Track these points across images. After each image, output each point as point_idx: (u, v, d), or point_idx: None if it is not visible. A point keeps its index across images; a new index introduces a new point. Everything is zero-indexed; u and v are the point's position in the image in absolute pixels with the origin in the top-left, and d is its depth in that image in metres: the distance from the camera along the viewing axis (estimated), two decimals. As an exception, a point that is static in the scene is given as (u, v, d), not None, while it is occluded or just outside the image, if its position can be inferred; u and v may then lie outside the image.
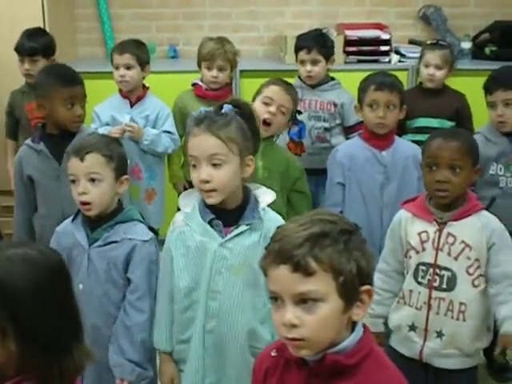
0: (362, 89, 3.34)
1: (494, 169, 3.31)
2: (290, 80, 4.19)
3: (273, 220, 2.26)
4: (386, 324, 2.76)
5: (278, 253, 1.51)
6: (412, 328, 2.63)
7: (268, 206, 2.30)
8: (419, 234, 2.58)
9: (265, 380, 1.68)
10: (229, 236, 2.23)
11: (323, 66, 4.10)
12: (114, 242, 2.50)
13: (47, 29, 4.64)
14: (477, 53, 5.25)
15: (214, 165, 2.19)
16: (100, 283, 2.51)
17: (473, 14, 5.42)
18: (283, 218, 2.32)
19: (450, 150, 2.51)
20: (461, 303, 2.54)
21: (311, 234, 1.52)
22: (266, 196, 2.30)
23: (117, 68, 3.97)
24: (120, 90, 4.02)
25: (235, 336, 2.24)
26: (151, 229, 2.61)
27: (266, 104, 3.20)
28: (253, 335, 2.26)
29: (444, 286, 2.54)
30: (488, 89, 3.32)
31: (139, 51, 4.00)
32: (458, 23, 5.39)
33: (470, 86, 4.74)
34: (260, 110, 3.05)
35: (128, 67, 3.94)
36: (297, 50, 4.16)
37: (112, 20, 5.40)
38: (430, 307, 2.57)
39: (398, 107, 3.25)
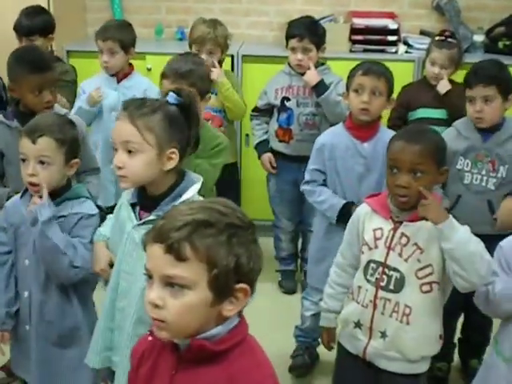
0: (350, 75, 3.27)
1: (461, 163, 3.20)
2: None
3: None
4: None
5: (158, 231, 1.50)
6: (357, 325, 2.57)
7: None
8: (374, 230, 2.50)
9: (140, 363, 1.66)
10: (141, 221, 2.22)
11: (314, 54, 4.05)
12: (62, 216, 2.55)
13: (51, 8, 4.65)
14: (490, 46, 5.11)
15: (130, 152, 2.18)
16: None
17: (489, 7, 5.26)
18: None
19: (412, 154, 2.39)
20: (406, 306, 2.45)
21: (194, 219, 1.49)
22: (191, 190, 2.24)
23: (101, 52, 4.00)
24: (107, 68, 4.06)
25: (141, 318, 2.20)
26: (99, 207, 2.67)
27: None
28: None
29: (391, 286, 2.46)
30: (468, 83, 3.20)
31: (122, 35, 4.00)
32: (473, 15, 5.25)
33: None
34: None
35: (111, 52, 3.96)
36: (288, 37, 4.10)
37: (123, 0, 5.39)
38: (375, 306, 2.50)
39: (385, 95, 3.15)
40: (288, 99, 4.08)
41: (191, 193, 2.21)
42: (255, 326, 3.98)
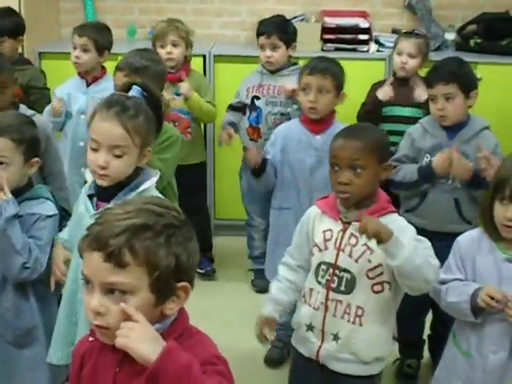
0: (300, 73, 3.32)
1: (427, 161, 3.21)
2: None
3: None
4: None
5: (95, 238, 1.48)
6: (310, 328, 2.53)
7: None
8: (324, 231, 2.48)
9: (82, 365, 1.65)
10: (99, 211, 2.20)
11: (283, 51, 4.08)
12: (20, 216, 2.53)
13: (23, 9, 4.63)
14: (461, 44, 5.13)
15: (114, 153, 2.18)
16: None
17: (460, 5, 5.28)
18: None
19: (350, 150, 2.39)
20: (358, 307, 2.43)
21: (132, 224, 1.48)
22: (148, 182, 2.26)
23: (74, 48, 3.98)
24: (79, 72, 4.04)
25: None
26: (64, 210, 2.66)
27: None
28: None
29: (342, 287, 2.44)
30: (429, 82, 3.22)
31: (99, 36, 4.00)
32: (445, 13, 5.27)
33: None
34: None
35: (85, 50, 3.94)
36: (257, 35, 4.16)
37: (95, 1, 5.38)
38: (326, 308, 2.47)
39: (333, 92, 3.19)
40: (258, 98, 4.10)
41: (148, 184, 2.23)
42: (229, 325, 3.99)
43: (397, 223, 2.39)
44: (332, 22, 4.94)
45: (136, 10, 5.39)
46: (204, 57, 4.82)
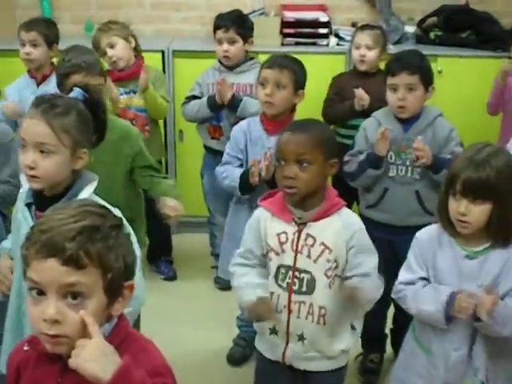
0: (259, 68, 3.29)
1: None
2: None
3: None
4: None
5: (46, 245, 1.44)
6: (273, 331, 2.52)
7: (103, 196, 2.21)
8: (278, 235, 2.45)
9: (17, 375, 1.61)
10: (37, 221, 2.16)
11: (240, 46, 4.04)
12: None
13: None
14: (422, 37, 5.13)
15: (42, 151, 2.11)
16: None
17: (420, -3, 5.28)
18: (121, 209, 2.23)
19: (296, 144, 2.37)
20: (321, 307, 2.43)
21: (84, 227, 1.45)
22: (86, 191, 2.19)
23: (23, 45, 3.91)
24: (28, 70, 3.97)
25: None
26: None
27: None
28: None
29: (304, 289, 2.43)
30: (391, 70, 3.18)
31: (48, 30, 3.95)
32: (405, 6, 5.25)
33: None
34: None
35: (34, 45, 3.88)
36: (215, 29, 4.11)
37: (52, -3, 5.29)
38: (290, 311, 2.45)
39: (290, 88, 3.15)
40: (217, 95, 4.04)
41: (86, 193, 2.17)
42: (190, 321, 3.96)
43: (355, 222, 2.46)
44: (291, 16, 4.91)
45: (93, 5, 5.31)
46: (163, 52, 4.76)
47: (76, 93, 2.20)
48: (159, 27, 5.31)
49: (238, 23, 4.07)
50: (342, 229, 2.40)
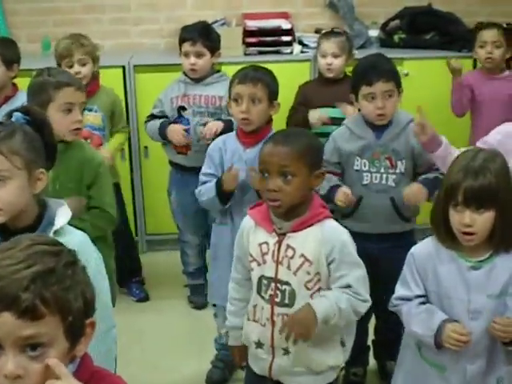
0: (230, 83, 3.17)
1: (358, 164, 3.10)
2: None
3: (74, 241, 2.04)
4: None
5: None
6: (259, 345, 2.45)
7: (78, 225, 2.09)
8: (260, 244, 2.39)
9: None
10: None
11: (208, 59, 3.93)
12: None
13: None
14: (386, 41, 5.10)
15: None
16: None
17: (382, 1, 5.22)
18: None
19: (279, 156, 2.30)
20: None
21: (37, 272, 1.32)
22: (63, 216, 2.07)
23: None
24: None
25: None
26: None
27: None
28: None
29: (286, 301, 2.36)
30: (367, 80, 3.07)
31: (5, 49, 3.83)
32: (368, 10, 5.21)
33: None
34: None
35: None
36: (181, 41, 3.98)
37: (6, 15, 5.14)
38: (273, 323, 2.39)
39: (265, 101, 3.05)
40: (184, 108, 3.93)
41: (63, 219, 2.05)
42: (166, 343, 3.88)
43: (338, 233, 2.38)
44: (253, 24, 4.83)
45: (50, 23, 5.17)
46: (123, 68, 4.64)
47: (17, 117, 2.08)
48: (118, 42, 5.20)
49: (205, 36, 3.95)
50: (322, 241, 2.32)
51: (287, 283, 2.34)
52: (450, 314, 2.31)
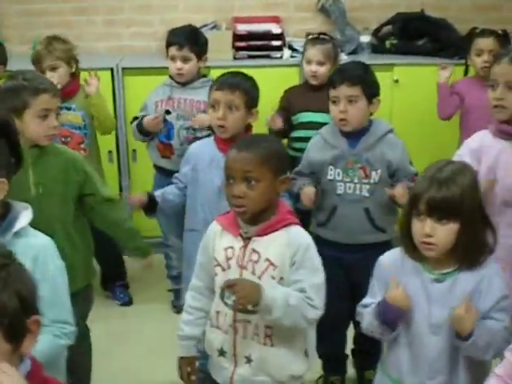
0: (209, 89, 3.15)
1: (331, 173, 3.07)
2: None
3: (36, 243, 2.08)
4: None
5: None
6: (221, 353, 2.42)
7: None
8: (225, 249, 2.37)
9: None
10: None
11: (194, 63, 3.93)
12: None
13: None
14: (377, 46, 5.07)
15: None
16: None
17: (374, 6, 5.21)
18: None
19: (242, 162, 2.28)
20: (266, 327, 2.32)
21: None
22: (24, 218, 2.08)
23: None
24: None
25: None
26: None
27: None
28: None
29: (249, 307, 2.30)
30: (332, 83, 3.07)
31: None
32: (360, 15, 5.18)
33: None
34: None
35: None
36: (168, 45, 3.98)
37: (-2, 16, 5.16)
38: (236, 330, 2.36)
39: (243, 109, 3.03)
40: (168, 112, 3.93)
41: (24, 221, 2.07)
42: (148, 347, 3.85)
43: (303, 238, 2.34)
44: (243, 28, 4.81)
45: (41, 25, 5.15)
46: (112, 70, 4.64)
47: None
48: (111, 44, 5.20)
49: (192, 40, 3.94)
50: (287, 245, 2.30)
51: None
52: (411, 326, 2.28)
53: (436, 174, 2.21)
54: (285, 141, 4.26)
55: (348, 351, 3.46)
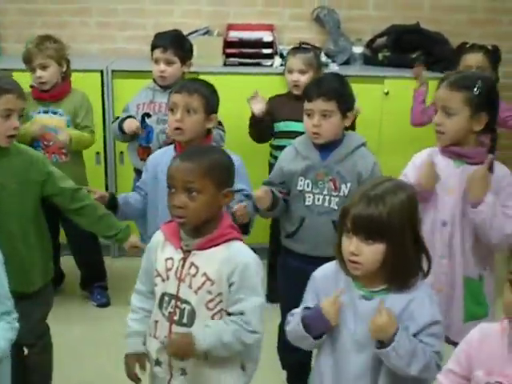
0: (169, 94, 3.20)
1: (301, 184, 3.05)
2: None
3: None
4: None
5: None
6: (158, 363, 2.41)
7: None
8: (166, 260, 2.36)
9: None
10: None
11: (178, 67, 3.96)
12: None
13: None
14: (370, 58, 5.04)
15: None
16: None
17: (371, 17, 5.18)
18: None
19: (184, 172, 2.27)
20: None
21: None
22: None
23: None
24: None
25: None
26: None
27: None
28: None
29: (184, 320, 2.32)
30: (308, 96, 3.05)
31: None
32: (356, 26, 5.16)
33: (358, 92, 4.54)
34: None
35: None
36: (152, 48, 4.03)
37: (-5, 15, 5.19)
38: None
39: (201, 113, 3.04)
40: (149, 115, 3.94)
41: None
42: (124, 350, 3.80)
43: (242, 256, 2.30)
44: (235, 35, 4.80)
45: (38, 24, 5.18)
46: (101, 72, 4.65)
47: None
48: (104, 46, 5.22)
49: (176, 44, 3.99)
50: (226, 261, 2.28)
51: (187, 302, 2.30)
52: (336, 342, 2.25)
53: (368, 190, 2.16)
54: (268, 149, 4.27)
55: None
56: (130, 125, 3.89)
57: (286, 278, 3.23)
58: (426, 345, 2.14)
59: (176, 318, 2.33)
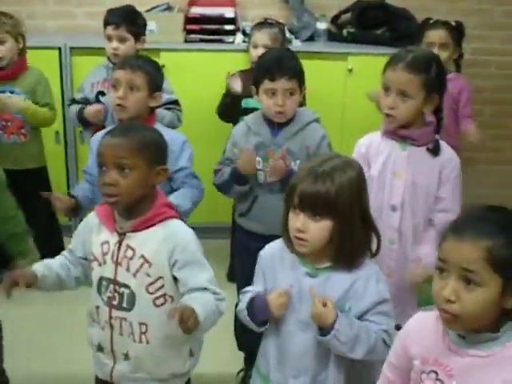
0: (112, 70, 3.12)
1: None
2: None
3: None
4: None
5: None
6: (100, 348, 2.37)
7: None
8: (102, 244, 2.29)
9: None
10: None
11: (131, 44, 3.88)
12: None
13: None
14: (334, 34, 4.97)
15: None
16: None
17: (334, -7, 5.10)
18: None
19: (115, 148, 2.19)
20: (141, 324, 2.26)
21: None
22: None
23: None
24: None
25: None
26: None
27: None
28: None
29: (124, 304, 2.27)
30: (270, 75, 2.96)
31: None
32: (320, 2, 5.08)
33: (321, 69, 4.50)
34: None
35: None
36: (105, 24, 3.92)
37: None
38: (112, 327, 2.30)
39: (145, 90, 2.97)
40: (103, 93, 3.85)
41: None
42: (82, 335, 3.75)
43: (180, 234, 2.25)
44: (196, 11, 4.70)
45: (-5, 0, 5.06)
46: (60, 49, 4.54)
47: None
48: (63, 23, 5.10)
49: (128, 20, 3.89)
50: (163, 242, 2.22)
51: (126, 285, 2.25)
52: (280, 321, 2.22)
53: (316, 166, 2.12)
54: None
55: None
56: (97, 114, 3.76)
57: (241, 257, 3.19)
58: (374, 324, 2.12)
59: (115, 302, 2.27)
